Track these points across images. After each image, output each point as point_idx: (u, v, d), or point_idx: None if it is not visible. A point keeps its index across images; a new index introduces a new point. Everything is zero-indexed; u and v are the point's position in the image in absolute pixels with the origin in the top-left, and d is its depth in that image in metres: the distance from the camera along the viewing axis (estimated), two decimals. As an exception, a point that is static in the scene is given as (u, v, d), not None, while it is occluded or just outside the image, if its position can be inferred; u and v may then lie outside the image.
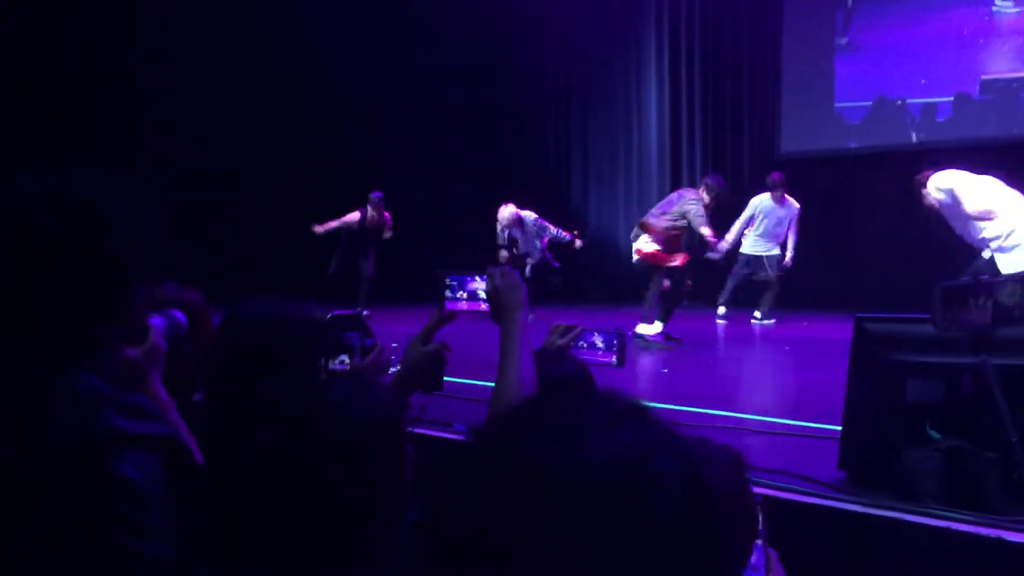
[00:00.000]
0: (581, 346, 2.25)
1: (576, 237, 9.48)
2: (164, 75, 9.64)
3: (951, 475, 2.44)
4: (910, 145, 9.69)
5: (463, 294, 1.85)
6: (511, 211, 9.18)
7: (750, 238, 8.53)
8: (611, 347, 2.27)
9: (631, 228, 7.88)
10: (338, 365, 1.89)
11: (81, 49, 8.82)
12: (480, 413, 2.00)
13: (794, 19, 10.54)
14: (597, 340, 2.28)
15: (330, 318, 1.94)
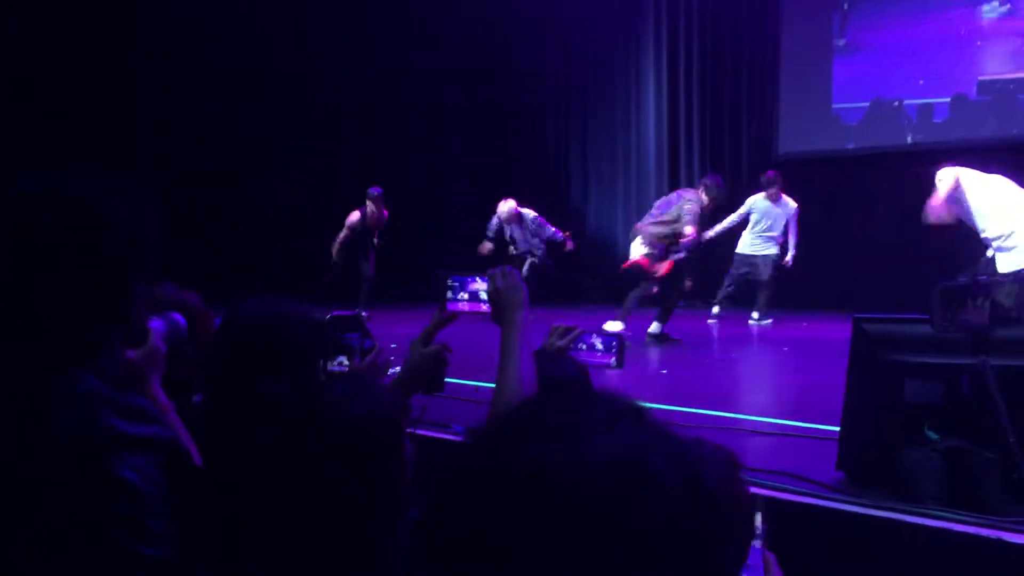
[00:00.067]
0: (580, 347, 2.26)
1: (568, 238, 9.26)
2: (164, 75, 9.64)
3: (950, 476, 2.44)
4: (907, 146, 9.69)
5: (464, 295, 1.85)
6: (511, 206, 8.98)
7: (747, 238, 8.53)
8: (610, 349, 2.27)
9: (630, 228, 7.87)
10: (337, 366, 1.88)
11: (81, 49, 8.82)
12: (481, 414, 2.00)
13: (793, 20, 10.54)
14: (596, 342, 2.29)
15: (329, 319, 1.94)
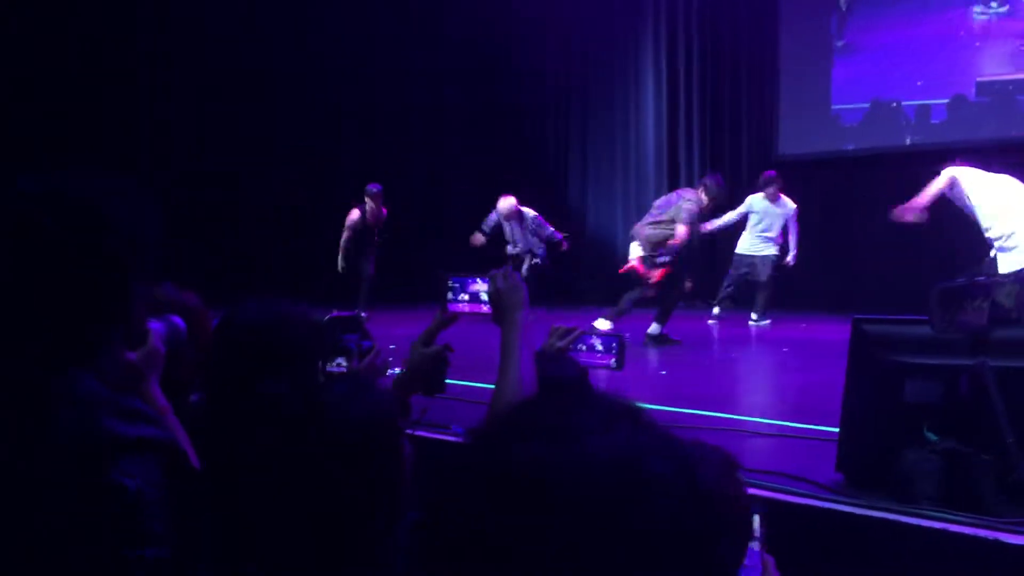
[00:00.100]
0: (580, 348, 2.26)
1: (564, 240, 9.16)
2: (164, 75, 9.64)
3: (948, 477, 2.45)
4: (906, 147, 9.69)
5: (464, 296, 1.84)
6: (511, 203, 8.86)
7: (746, 239, 8.55)
8: (610, 349, 2.27)
9: (629, 228, 7.87)
10: (335, 367, 1.88)
11: (81, 49, 8.82)
12: (482, 416, 2.00)
13: (792, 20, 10.54)
14: (596, 343, 2.29)
15: (328, 320, 1.93)
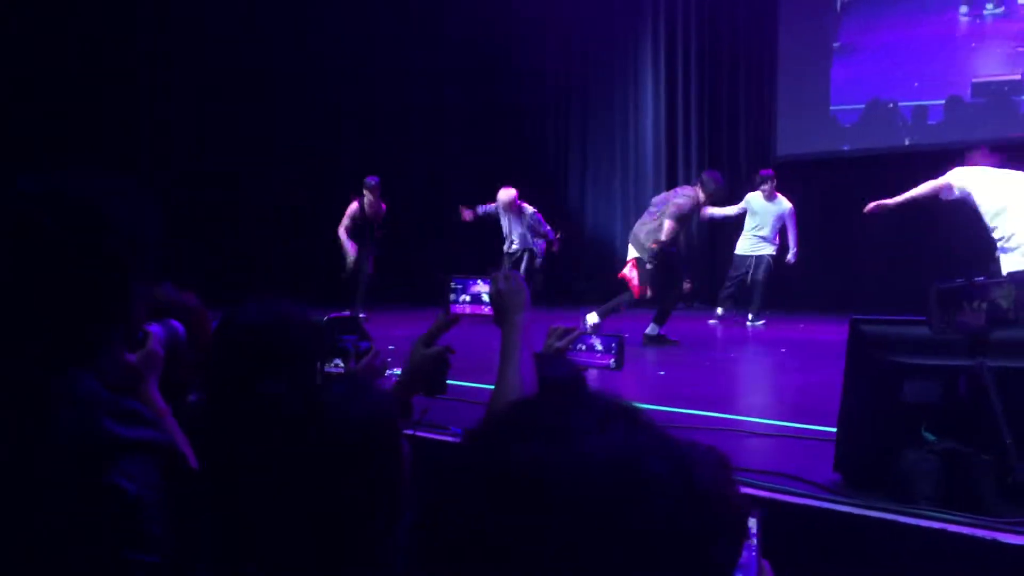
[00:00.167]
0: (580, 348, 2.26)
1: (556, 240, 8.96)
2: (164, 75, 9.64)
3: (947, 477, 2.45)
4: (903, 148, 9.70)
5: (466, 297, 1.84)
6: (511, 195, 8.65)
7: (744, 239, 8.58)
8: (609, 349, 2.27)
9: (628, 228, 7.87)
10: (333, 368, 1.88)
11: (81, 49, 8.82)
12: (480, 416, 2.00)
13: (791, 21, 10.55)
14: (596, 343, 2.29)
15: (327, 320, 1.93)
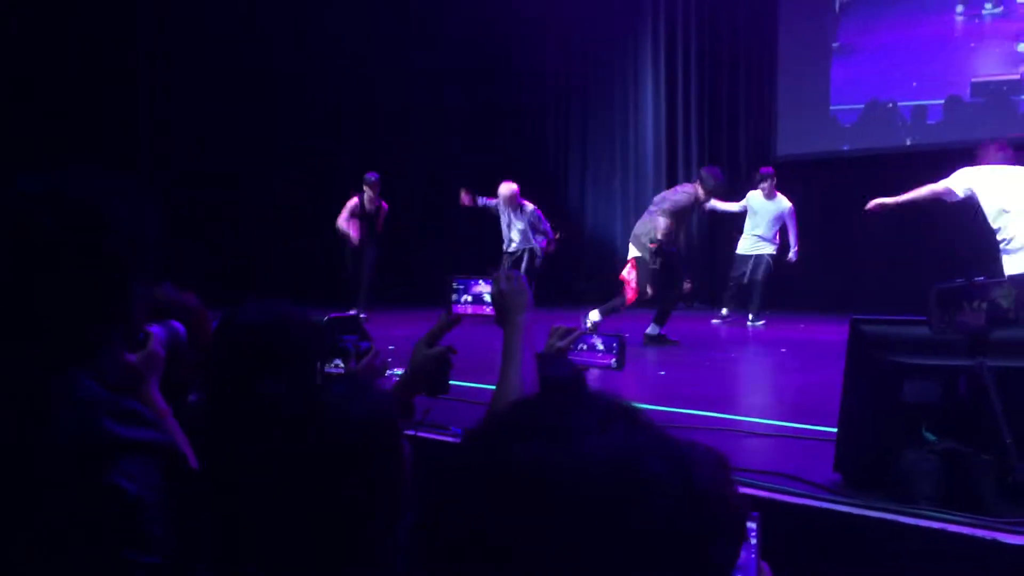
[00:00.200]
0: (581, 348, 2.26)
1: (552, 241, 8.78)
2: (164, 75, 9.64)
3: (947, 477, 2.45)
4: (902, 148, 9.70)
5: (468, 297, 1.84)
6: (512, 189, 8.45)
7: (744, 239, 8.58)
8: (611, 349, 2.27)
9: (628, 228, 7.87)
10: (333, 368, 1.88)
11: (81, 49, 8.83)
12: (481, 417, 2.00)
13: (791, 21, 10.55)
14: (597, 342, 2.28)
15: (327, 320, 1.93)
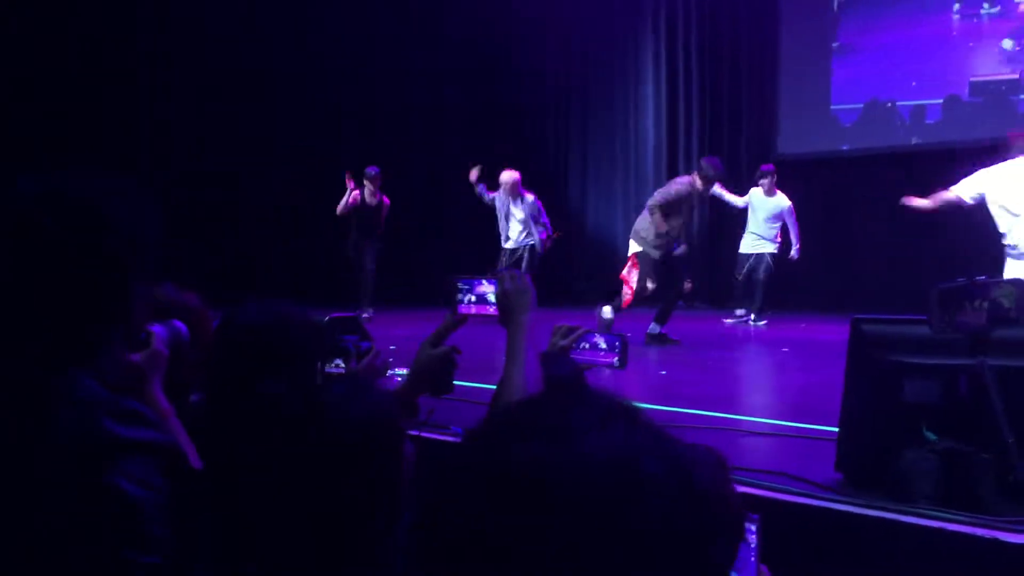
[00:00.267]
0: (583, 347, 2.25)
1: (547, 238, 8.64)
2: (164, 75, 9.64)
3: (947, 476, 2.44)
4: (902, 147, 9.70)
5: (472, 297, 1.84)
6: (515, 176, 8.40)
7: (746, 237, 8.59)
8: (613, 348, 2.27)
9: (628, 228, 7.87)
10: (334, 368, 1.88)
11: (81, 49, 8.82)
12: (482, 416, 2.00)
13: (792, 20, 10.55)
14: (600, 341, 2.28)
15: (328, 320, 1.93)
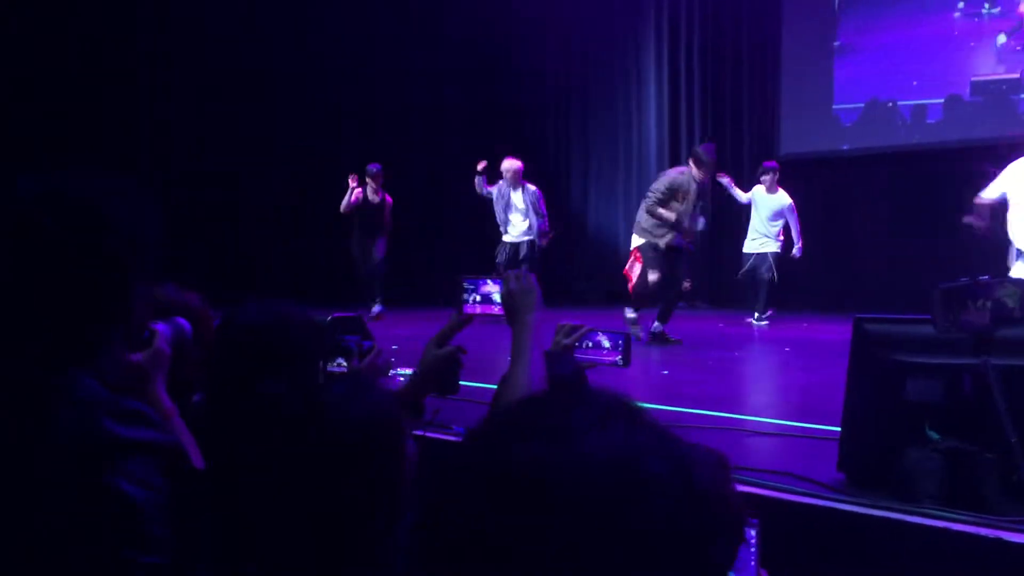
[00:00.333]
0: (587, 346, 2.25)
1: (544, 234, 8.49)
2: (164, 75, 9.64)
3: (950, 476, 2.44)
4: (903, 147, 9.70)
5: (477, 297, 1.84)
6: (517, 164, 8.33)
7: (749, 236, 8.60)
8: (617, 347, 2.26)
9: (629, 228, 7.87)
10: (335, 368, 1.88)
11: (81, 49, 8.82)
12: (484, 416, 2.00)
13: (793, 20, 10.54)
14: (603, 340, 2.27)
15: (329, 320, 1.93)
